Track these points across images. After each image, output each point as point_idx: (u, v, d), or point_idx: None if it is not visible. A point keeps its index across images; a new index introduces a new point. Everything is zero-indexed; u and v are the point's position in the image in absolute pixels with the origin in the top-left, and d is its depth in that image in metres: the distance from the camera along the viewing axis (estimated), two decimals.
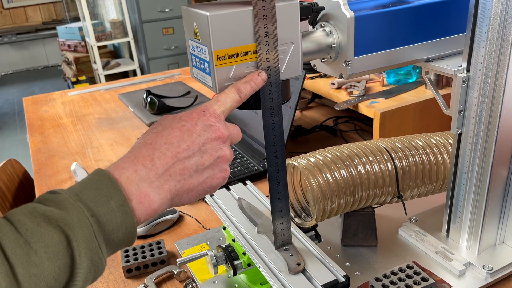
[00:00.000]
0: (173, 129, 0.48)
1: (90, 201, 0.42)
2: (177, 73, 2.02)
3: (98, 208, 0.42)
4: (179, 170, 0.48)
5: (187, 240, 0.86)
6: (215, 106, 0.51)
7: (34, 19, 5.83)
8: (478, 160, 0.67)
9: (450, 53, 0.69)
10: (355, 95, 1.21)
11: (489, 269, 0.69)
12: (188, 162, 0.48)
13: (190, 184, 0.49)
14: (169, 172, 0.47)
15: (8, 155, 3.44)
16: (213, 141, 0.50)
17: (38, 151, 1.34)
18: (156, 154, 0.47)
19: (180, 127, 0.49)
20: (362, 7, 0.60)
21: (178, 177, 0.48)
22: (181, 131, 0.48)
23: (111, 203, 0.42)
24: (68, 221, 0.40)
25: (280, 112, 0.56)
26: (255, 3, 0.50)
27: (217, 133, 0.50)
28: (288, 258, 0.62)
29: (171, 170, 0.47)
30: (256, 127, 1.21)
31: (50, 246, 0.39)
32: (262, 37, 0.52)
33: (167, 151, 0.47)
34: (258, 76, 0.53)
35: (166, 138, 0.48)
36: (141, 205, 0.45)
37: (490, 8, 0.59)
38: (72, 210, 0.41)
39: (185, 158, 0.48)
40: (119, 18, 4.02)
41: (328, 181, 0.69)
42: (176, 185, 0.47)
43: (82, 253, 0.40)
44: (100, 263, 0.42)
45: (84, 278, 0.41)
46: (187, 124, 0.49)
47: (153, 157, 0.46)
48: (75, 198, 0.42)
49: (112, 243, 0.43)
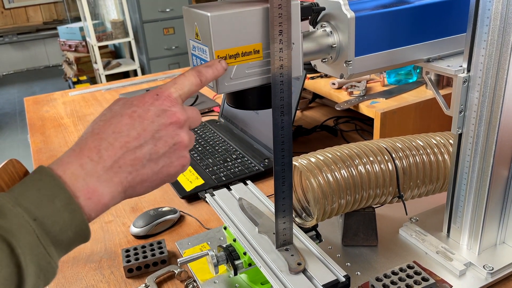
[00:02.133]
0: (123, 116, 0.45)
1: (32, 204, 0.39)
2: (178, 73, 2.02)
3: (41, 210, 0.39)
4: (130, 160, 0.44)
5: (188, 240, 0.86)
6: (171, 89, 0.48)
7: (35, 19, 5.83)
8: (478, 160, 0.67)
9: (451, 53, 0.69)
10: (355, 95, 1.21)
11: (490, 269, 0.69)
12: (139, 152, 0.45)
13: (144, 174, 0.45)
14: (119, 164, 0.44)
15: (9, 155, 3.45)
16: (168, 127, 0.46)
17: (39, 151, 1.34)
18: (103, 145, 0.43)
19: (130, 114, 0.45)
20: (362, 7, 0.60)
21: (129, 168, 0.44)
22: (132, 118, 0.45)
23: (56, 202, 0.40)
24: (8, 229, 0.37)
25: (290, 112, 0.56)
26: (271, 1, 0.50)
27: (172, 118, 0.46)
28: (289, 258, 0.63)
29: (120, 161, 0.44)
30: (257, 127, 1.21)
31: None
32: (276, 36, 0.52)
33: (115, 141, 0.44)
34: (219, 63, 0.51)
35: (114, 127, 0.44)
36: (90, 201, 0.42)
37: (490, 8, 0.59)
38: (11, 216, 0.38)
39: (136, 148, 0.44)
40: (119, 18, 4.03)
41: (328, 181, 0.70)
42: (127, 177, 0.44)
43: (27, 260, 0.38)
44: (49, 266, 0.40)
45: (33, 284, 0.38)
46: (139, 109, 0.45)
47: (99, 148, 0.43)
48: (14, 202, 0.39)
49: (62, 244, 0.41)
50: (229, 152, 1.18)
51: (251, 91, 0.56)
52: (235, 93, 0.57)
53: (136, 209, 0.99)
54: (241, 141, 1.24)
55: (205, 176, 1.07)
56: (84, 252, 0.86)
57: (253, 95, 0.57)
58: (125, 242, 0.88)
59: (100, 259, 0.84)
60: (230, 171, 1.08)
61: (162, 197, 1.03)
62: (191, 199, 1.01)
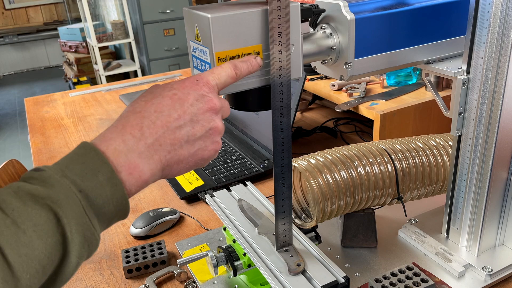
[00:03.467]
0: (164, 97, 0.47)
1: (77, 176, 0.40)
2: (178, 74, 2.02)
3: (85, 182, 0.40)
4: (170, 140, 0.46)
5: (188, 240, 0.86)
6: (210, 77, 0.49)
7: (35, 20, 5.83)
8: (478, 162, 0.67)
9: (450, 55, 0.69)
10: (355, 96, 1.21)
11: (489, 270, 0.70)
12: (179, 132, 0.46)
13: (181, 155, 0.47)
14: (159, 142, 0.45)
15: (9, 155, 3.45)
16: (206, 112, 0.48)
17: (39, 152, 1.34)
18: (145, 122, 0.45)
19: (171, 96, 0.47)
20: (362, 9, 0.60)
21: (169, 147, 0.46)
22: (172, 100, 0.46)
23: (99, 176, 0.41)
24: (55, 199, 0.39)
25: (289, 113, 0.56)
26: (270, 3, 0.50)
27: (209, 104, 0.48)
28: (288, 259, 0.63)
29: (161, 139, 0.45)
30: (256, 129, 1.21)
31: (39, 224, 0.38)
32: (276, 37, 0.52)
33: (157, 120, 0.45)
34: (254, 60, 0.52)
35: (156, 106, 0.46)
36: (131, 176, 0.43)
37: (490, 10, 0.59)
38: (58, 186, 0.39)
39: (176, 128, 0.46)
40: (120, 19, 4.03)
41: (328, 183, 0.70)
42: (166, 156, 0.46)
43: (73, 230, 0.39)
44: (93, 238, 0.41)
45: (78, 254, 0.40)
46: (179, 93, 0.47)
47: (142, 125, 0.45)
48: (61, 174, 0.40)
49: (104, 217, 0.42)
50: (229, 153, 1.18)
51: (251, 92, 0.56)
52: (235, 95, 0.57)
53: (136, 210, 0.99)
54: (241, 142, 1.24)
55: (205, 177, 1.07)
56: None
57: (253, 96, 0.57)
58: (124, 243, 0.88)
59: (100, 259, 0.84)
60: (230, 172, 1.08)
61: (162, 198, 1.03)
62: (190, 200, 1.01)
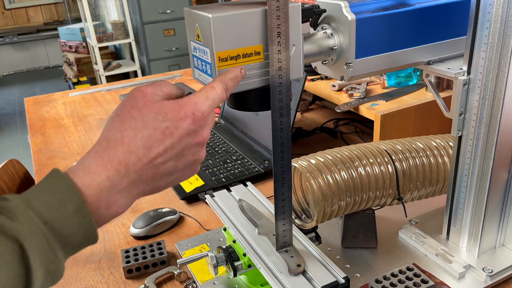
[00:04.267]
0: (156, 130, 0.45)
1: (44, 207, 0.40)
2: (178, 74, 2.02)
3: (52, 214, 0.40)
4: (152, 174, 0.45)
5: (188, 241, 0.86)
6: (206, 106, 0.48)
7: (35, 20, 5.84)
8: (478, 163, 0.67)
9: (451, 56, 0.69)
10: (355, 97, 1.21)
11: (489, 271, 0.69)
12: (162, 167, 0.46)
13: (159, 185, 0.47)
14: (141, 178, 0.45)
15: (9, 155, 3.45)
16: (193, 146, 0.47)
17: (39, 152, 1.34)
18: (132, 159, 0.44)
19: (163, 129, 0.45)
20: (363, 9, 0.60)
21: (149, 181, 0.46)
22: (164, 134, 0.45)
23: (67, 207, 0.40)
24: (19, 231, 0.38)
25: (289, 113, 0.56)
26: (269, 3, 0.50)
27: (199, 139, 0.48)
28: (289, 259, 0.63)
29: (143, 176, 0.45)
30: (256, 129, 1.21)
31: (4, 255, 0.37)
32: (275, 37, 0.52)
33: (144, 157, 0.44)
34: (240, 73, 0.51)
35: (145, 141, 0.44)
36: (108, 211, 0.43)
37: (491, 11, 0.59)
38: (22, 218, 0.38)
39: (160, 164, 0.45)
40: (120, 19, 4.03)
41: (328, 183, 0.70)
42: (144, 188, 0.46)
43: (36, 263, 0.38)
44: (57, 270, 0.41)
45: (40, 286, 0.39)
46: (172, 126, 0.46)
47: (128, 162, 0.44)
48: (26, 205, 0.39)
49: (70, 246, 0.41)
50: (229, 153, 1.18)
51: (252, 92, 0.56)
52: (236, 94, 0.57)
53: (135, 210, 0.99)
54: (241, 142, 1.24)
55: (205, 177, 1.07)
56: (83, 253, 0.86)
57: (253, 96, 0.57)
58: (124, 243, 0.88)
59: (100, 259, 0.84)
60: (230, 173, 1.08)
61: (162, 198, 1.03)
62: (191, 200, 1.01)
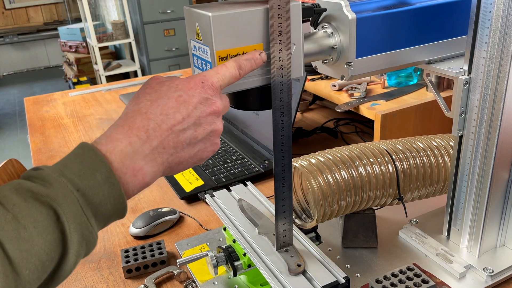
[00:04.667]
0: (170, 98, 0.47)
1: (74, 175, 0.41)
2: (178, 74, 2.02)
3: (83, 181, 0.41)
4: (173, 143, 0.47)
5: (187, 240, 0.86)
6: (214, 78, 0.49)
7: (35, 20, 5.83)
8: (479, 163, 0.67)
9: (452, 55, 0.69)
10: (356, 97, 1.21)
11: (490, 271, 0.69)
12: (182, 136, 0.47)
13: (182, 157, 0.48)
14: (163, 145, 0.46)
15: (8, 155, 3.44)
16: (209, 115, 0.48)
17: (39, 151, 1.34)
18: (151, 125, 0.45)
19: (176, 97, 0.47)
20: (364, 8, 0.60)
21: (172, 150, 0.47)
22: (178, 102, 0.47)
23: (97, 175, 0.41)
24: (54, 197, 0.39)
25: (290, 112, 0.56)
26: (271, 2, 0.50)
27: (213, 107, 0.49)
28: (289, 259, 0.62)
29: (165, 142, 0.46)
30: (257, 129, 1.21)
31: (39, 221, 0.38)
32: (276, 36, 0.52)
33: (163, 123, 0.46)
34: (259, 56, 0.52)
35: (162, 108, 0.46)
36: (135, 178, 0.44)
37: (492, 10, 0.59)
38: (56, 185, 0.40)
39: (179, 131, 0.47)
40: (120, 19, 4.03)
41: (329, 182, 0.69)
42: (168, 158, 0.47)
43: (71, 228, 0.39)
44: (91, 236, 0.41)
45: (76, 252, 0.40)
46: (184, 95, 0.47)
47: (147, 128, 0.45)
48: (59, 173, 0.41)
49: (101, 215, 0.42)
50: (229, 153, 1.18)
51: (252, 91, 0.56)
52: (236, 94, 0.57)
53: (135, 210, 0.98)
54: (241, 142, 1.24)
55: (205, 177, 1.07)
56: None
57: (253, 95, 0.57)
58: (124, 243, 0.88)
59: (99, 259, 0.84)
60: (230, 172, 1.08)
61: (162, 197, 1.03)
62: (190, 200, 1.01)
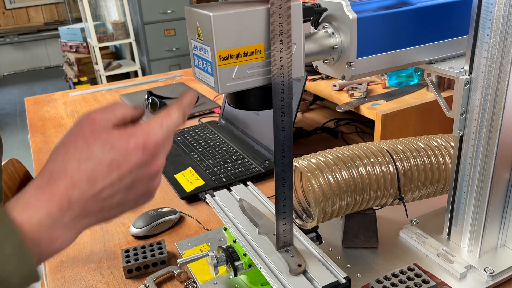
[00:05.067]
0: (101, 163, 0.41)
1: None
2: (178, 74, 2.02)
3: None
4: (98, 208, 0.42)
5: (188, 240, 0.86)
6: (159, 135, 0.44)
7: (36, 20, 5.84)
8: (480, 163, 0.67)
9: (452, 55, 0.69)
10: (356, 97, 1.21)
11: (491, 272, 0.69)
12: (109, 200, 0.43)
13: (109, 215, 0.44)
14: (86, 212, 0.42)
15: (9, 155, 3.44)
16: (145, 178, 0.44)
17: (40, 151, 1.34)
18: (75, 194, 0.41)
19: (109, 162, 0.42)
20: (364, 8, 0.60)
21: (96, 214, 0.43)
22: (110, 168, 0.42)
23: (5, 248, 0.38)
24: None
25: (290, 112, 0.56)
26: (272, 2, 0.50)
27: (151, 170, 0.44)
28: (289, 259, 0.62)
29: (88, 210, 0.42)
30: (257, 129, 1.21)
31: None
32: (277, 36, 0.52)
33: (88, 191, 0.41)
34: (194, 96, 0.49)
35: (90, 174, 0.41)
36: (51, 246, 0.41)
37: (492, 10, 0.59)
38: None
39: (107, 197, 0.42)
40: (121, 19, 4.03)
41: (329, 182, 0.69)
42: (91, 221, 0.43)
43: None
44: None
45: None
46: (119, 158, 0.42)
47: (70, 197, 0.41)
48: None
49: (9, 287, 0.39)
50: (230, 153, 1.18)
51: (253, 91, 0.56)
52: (237, 93, 0.57)
53: (136, 210, 0.98)
54: (242, 142, 1.24)
55: (205, 177, 1.07)
56: (83, 253, 0.86)
57: (254, 95, 0.56)
58: (124, 243, 0.88)
59: (100, 259, 0.84)
60: (230, 172, 1.08)
61: (162, 197, 1.03)
62: (191, 200, 1.01)
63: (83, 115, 0.45)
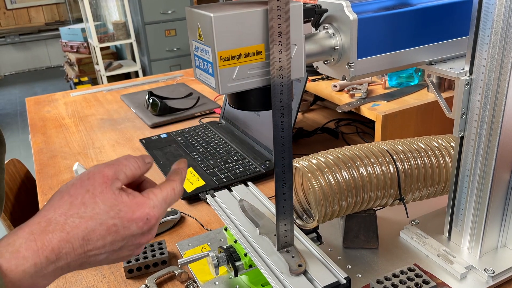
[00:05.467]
0: (102, 224, 0.43)
1: None
2: (179, 74, 2.02)
3: None
4: (81, 263, 0.44)
5: (189, 241, 0.86)
6: (161, 210, 0.47)
7: (37, 20, 5.84)
8: (480, 163, 0.67)
9: (453, 56, 0.69)
10: (357, 97, 1.21)
11: (491, 272, 0.69)
12: (93, 258, 0.44)
13: (85, 267, 0.45)
14: (69, 265, 0.43)
15: (10, 155, 3.44)
16: (134, 245, 0.46)
17: (40, 151, 1.34)
18: (66, 249, 0.42)
19: (110, 226, 0.43)
20: (365, 9, 0.60)
21: (76, 266, 0.44)
22: (108, 232, 0.43)
23: None
24: None
25: (290, 113, 0.56)
26: (270, 3, 0.50)
27: (143, 240, 0.47)
28: (290, 259, 0.62)
29: (72, 264, 0.43)
30: (257, 129, 1.21)
31: None
32: (276, 37, 0.52)
33: (79, 248, 0.42)
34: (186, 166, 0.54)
35: (87, 233, 0.42)
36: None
37: (493, 11, 0.59)
38: None
39: (93, 255, 0.44)
40: (121, 19, 4.04)
41: (330, 183, 0.69)
42: (69, 270, 0.44)
43: None
44: None
45: None
46: (120, 225, 0.44)
47: (60, 251, 0.41)
48: None
49: None
50: (230, 153, 1.18)
51: (253, 92, 0.56)
52: (237, 94, 0.57)
53: None
54: (242, 142, 1.24)
55: (206, 177, 1.07)
56: None
57: (255, 96, 0.57)
58: None
59: None
60: (231, 173, 1.08)
61: None
62: (192, 200, 1.01)
63: (96, 167, 0.46)
